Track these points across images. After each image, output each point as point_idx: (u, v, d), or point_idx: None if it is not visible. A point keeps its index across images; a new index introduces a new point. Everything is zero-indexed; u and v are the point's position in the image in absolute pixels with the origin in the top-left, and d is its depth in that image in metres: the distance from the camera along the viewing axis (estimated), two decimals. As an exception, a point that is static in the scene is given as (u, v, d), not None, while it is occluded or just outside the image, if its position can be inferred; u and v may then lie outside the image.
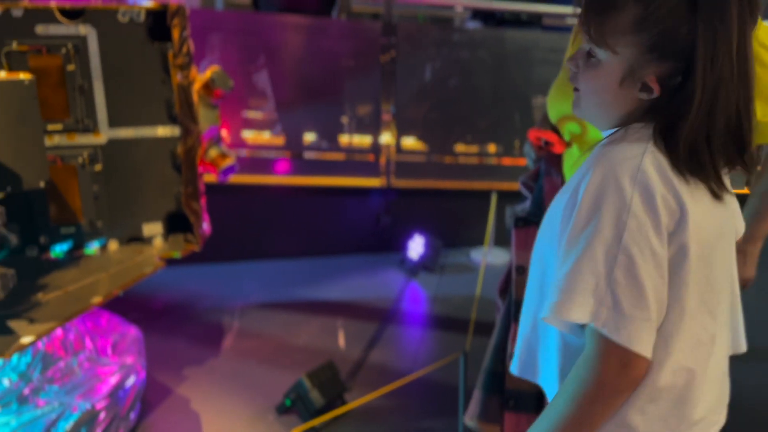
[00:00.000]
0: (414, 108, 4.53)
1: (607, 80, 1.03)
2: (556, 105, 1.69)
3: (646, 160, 0.98)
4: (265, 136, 4.45)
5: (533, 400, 1.79)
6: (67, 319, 1.82)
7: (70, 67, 2.15)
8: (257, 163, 4.38)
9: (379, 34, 4.23)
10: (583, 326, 1.00)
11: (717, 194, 1.01)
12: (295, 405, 2.57)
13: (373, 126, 4.46)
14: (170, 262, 2.62)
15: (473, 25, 5.16)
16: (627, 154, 0.99)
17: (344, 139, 4.55)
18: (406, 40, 4.30)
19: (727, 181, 1.06)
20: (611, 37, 1.00)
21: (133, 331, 2.78)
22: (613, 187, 0.97)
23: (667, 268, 0.99)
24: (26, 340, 1.69)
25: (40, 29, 2.10)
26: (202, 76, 2.42)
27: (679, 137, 0.98)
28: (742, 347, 1.16)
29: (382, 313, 3.53)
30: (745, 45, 0.97)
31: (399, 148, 4.46)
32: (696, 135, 0.98)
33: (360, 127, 4.54)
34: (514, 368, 1.19)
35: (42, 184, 1.83)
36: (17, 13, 2.06)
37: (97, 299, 1.93)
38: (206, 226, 2.51)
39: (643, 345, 0.96)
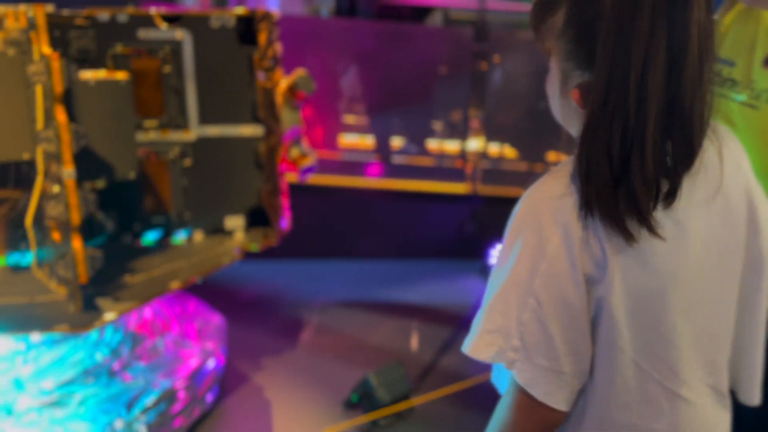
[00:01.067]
0: (504, 114, 4.48)
1: (552, 89, 0.96)
2: None
3: (571, 200, 0.87)
4: (356, 140, 4.56)
5: None
6: (146, 300, 1.97)
7: (167, 69, 2.32)
8: (347, 165, 4.49)
9: (470, 40, 4.23)
10: None
11: (626, 237, 0.85)
12: (361, 401, 2.62)
13: (461, 132, 4.46)
14: (259, 256, 2.76)
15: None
16: (553, 191, 0.89)
17: (432, 144, 4.57)
18: (498, 46, 4.27)
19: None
20: (546, 38, 0.92)
21: (217, 319, 2.94)
22: (533, 227, 0.89)
23: (586, 319, 0.90)
24: (109, 316, 1.84)
25: (142, 34, 2.28)
26: (287, 78, 2.54)
27: (577, 164, 0.87)
28: (754, 399, 1.02)
29: (458, 319, 3.52)
30: (656, 49, 0.80)
31: (486, 155, 4.43)
32: (591, 173, 0.85)
33: (448, 133, 4.55)
34: (492, 379, 1.13)
35: (132, 176, 1.99)
36: (123, 18, 2.25)
37: (175, 284, 2.07)
38: (285, 222, 2.62)
39: (551, 396, 0.90)
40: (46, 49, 1.65)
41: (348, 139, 4.52)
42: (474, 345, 0.93)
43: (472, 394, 2.51)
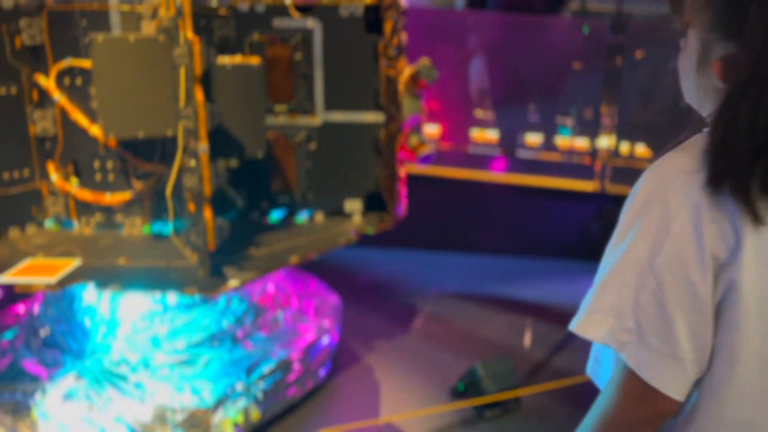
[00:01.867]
0: (639, 111, 4.26)
1: (687, 66, 0.90)
2: None
3: (703, 177, 0.82)
4: (482, 134, 4.53)
5: None
6: (266, 272, 2.10)
7: (298, 56, 2.44)
8: (473, 158, 4.48)
9: (606, 32, 4.05)
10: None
11: (753, 216, 0.81)
12: (467, 391, 2.63)
13: (592, 128, 4.29)
14: (378, 244, 2.84)
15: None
16: (684, 166, 0.84)
17: (561, 140, 4.44)
18: (635, 38, 4.07)
19: None
20: (687, 12, 0.86)
21: (334, 299, 3.06)
22: (658, 203, 0.84)
23: (710, 305, 0.84)
24: (233, 283, 1.99)
25: (277, 22, 2.42)
26: (411, 67, 2.58)
27: (713, 140, 0.82)
28: None
29: (576, 319, 3.41)
30: None
31: (617, 153, 4.23)
32: (730, 146, 0.81)
33: (579, 129, 4.40)
34: (589, 371, 1.09)
35: (260, 155, 2.12)
36: (260, 9, 2.40)
37: (294, 259, 2.19)
38: (401, 209, 2.68)
39: (665, 383, 0.85)
40: (190, 35, 1.81)
41: (475, 133, 4.50)
42: (583, 323, 0.90)
43: (582, 392, 2.43)
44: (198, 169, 1.85)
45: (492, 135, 4.50)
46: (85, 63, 2.31)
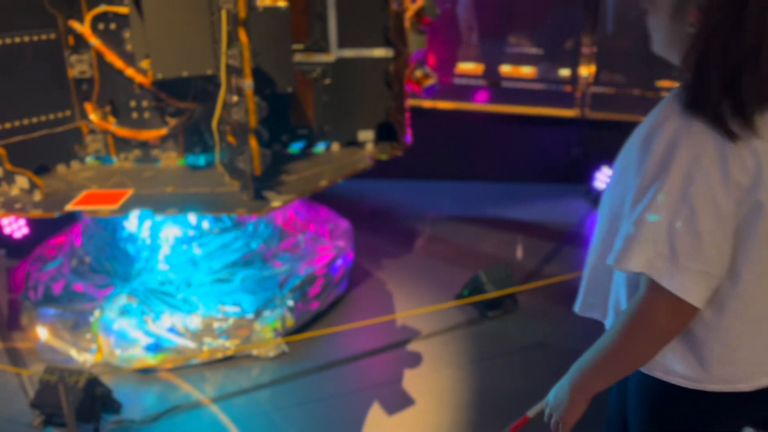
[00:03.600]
0: (616, 40, 4.52)
1: (659, 19, 1.06)
2: None
3: (721, 112, 0.96)
4: (467, 66, 4.76)
5: None
6: (303, 194, 2.38)
7: (312, -2, 2.65)
8: (459, 90, 4.73)
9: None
10: None
11: (727, 134, 0.95)
12: (471, 296, 2.98)
13: (572, 57, 4.55)
14: (375, 175, 3.10)
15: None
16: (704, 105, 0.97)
17: (542, 70, 4.70)
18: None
19: None
20: None
21: (344, 224, 3.37)
22: (686, 141, 0.96)
23: (733, 224, 0.99)
24: (276, 203, 2.27)
25: (291, -34, 2.61)
26: (414, 5, 2.80)
27: (688, 72, 0.97)
28: None
29: (561, 236, 3.76)
30: None
31: (598, 80, 4.52)
32: (703, 76, 0.95)
33: (559, 59, 4.66)
34: (577, 308, 1.27)
35: (290, 89, 2.37)
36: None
37: (324, 182, 2.47)
38: (408, 137, 2.95)
39: (694, 295, 0.99)
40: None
41: (461, 66, 4.73)
42: (622, 257, 1.01)
43: (566, 294, 2.80)
44: (244, 103, 2.09)
45: (476, 67, 4.73)
46: (120, 8, 2.50)
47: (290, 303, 2.77)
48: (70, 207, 2.26)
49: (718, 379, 1.10)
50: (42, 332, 2.66)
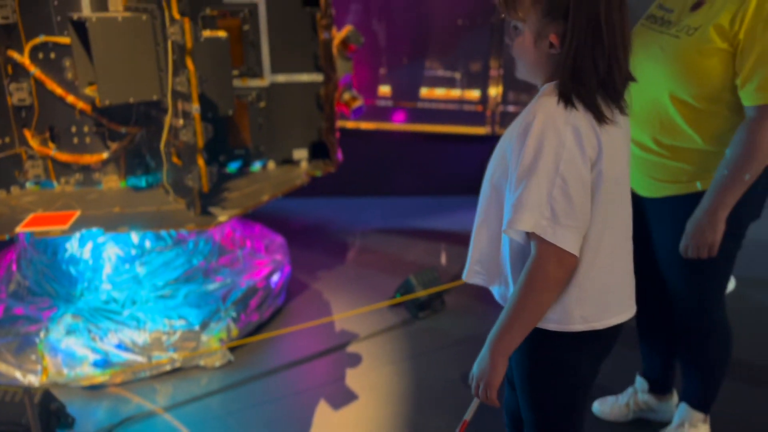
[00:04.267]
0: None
1: (527, 43, 1.32)
2: None
3: (573, 108, 1.26)
4: (387, 88, 5.07)
5: None
6: (247, 209, 2.56)
7: (246, 27, 2.85)
8: (380, 111, 5.02)
9: (491, -5, 4.68)
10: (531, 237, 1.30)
11: (609, 119, 1.28)
12: (403, 298, 3.23)
13: (482, 80, 4.95)
14: (306, 193, 3.29)
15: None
16: (560, 104, 1.27)
17: (456, 92, 5.08)
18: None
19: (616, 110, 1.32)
20: (520, 10, 1.30)
21: (279, 239, 3.54)
22: (552, 130, 1.25)
23: (590, 189, 1.29)
24: (222, 218, 2.43)
25: (226, -1, 2.81)
26: (340, 33, 3.06)
27: (567, 76, 1.26)
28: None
29: (481, 241, 4.08)
30: (611, 12, 1.24)
31: (505, 100, 4.93)
32: (575, 74, 1.25)
33: (471, 81, 5.05)
34: (464, 276, 1.53)
35: (230, 113, 2.55)
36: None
37: (266, 197, 2.65)
38: (339, 154, 3.18)
39: (572, 245, 1.27)
40: (176, 14, 2.19)
41: (382, 89, 5.03)
42: (513, 221, 1.27)
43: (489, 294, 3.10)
44: (192, 126, 2.26)
45: (396, 90, 5.05)
46: (60, 39, 2.60)
47: (234, 314, 2.92)
48: (20, 229, 2.33)
49: (578, 320, 1.38)
50: (-15, 357, 2.67)
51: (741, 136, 1.75)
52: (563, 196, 1.26)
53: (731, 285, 3.48)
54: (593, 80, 1.27)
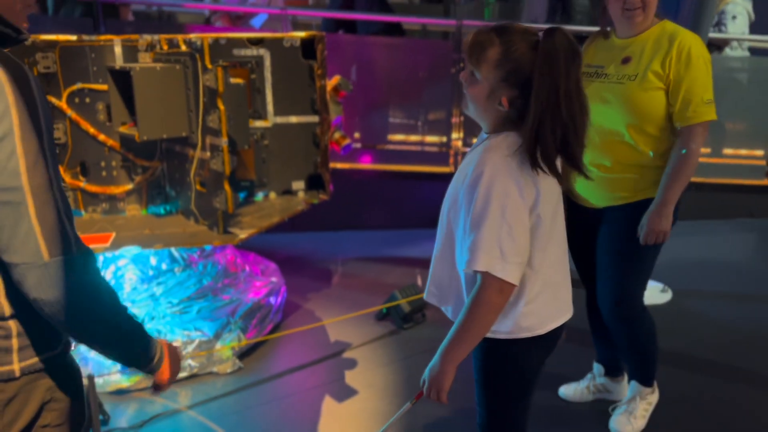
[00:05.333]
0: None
1: (480, 94, 1.52)
2: None
3: (515, 162, 1.47)
4: (361, 132, 5.58)
5: None
6: (261, 228, 2.96)
7: (253, 76, 3.31)
8: (355, 153, 5.51)
9: (451, 50, 5.30)
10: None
11: (559, 180, 1.54)
12: (389, 313, 3.65)
13: (445, 125, 5.53)
14: (287, 228, 3.69)
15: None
16: (505, 158, 1.49)
17: (421, 136, 5.64)
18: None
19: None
20: (483, 67, 1.49)
21: (273, 265, 3.93)
22: (498, 183, 1.47)
23: (530, 230, 1.54)
24: (242, 235, 2.84)
25: (236, 52, 3.27)
26: (331, 81, 3.55)
27: (530, 146, 1.46)
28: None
29: (451, 265, 4.55)
30: (569, 83, 1.43)
31: (465, 142, 5.51)
32: (540, 143, 1.45)
33: (435, 126, 5.62)
34: (427, 296, 1.80)
35: (246, 147, 2.98)
36: (223, 41, 3.24)
37: (275, 219, 3.06)
38: (331, 185, 3.63)
39: (514, 278, 1.51)
40: (209, 64, 2.64)
41: (356, 134, 5.55)
42: (471, 262, 1.50)
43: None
44: (221, 156, 2.68)
45: (364, 133, 5.57)
46: (95, 85, 3.01)
47: (242, 326, 3.28)
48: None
49: (527, 329, 1.66)
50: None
51: (678, 149, 2.29)
52: (509, 239, 1.49)
53: (668, 296, 4.05)
54: (552, 146, 1.47)
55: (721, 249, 4.84)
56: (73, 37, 2.96)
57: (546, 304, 1.66)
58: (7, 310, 1.18)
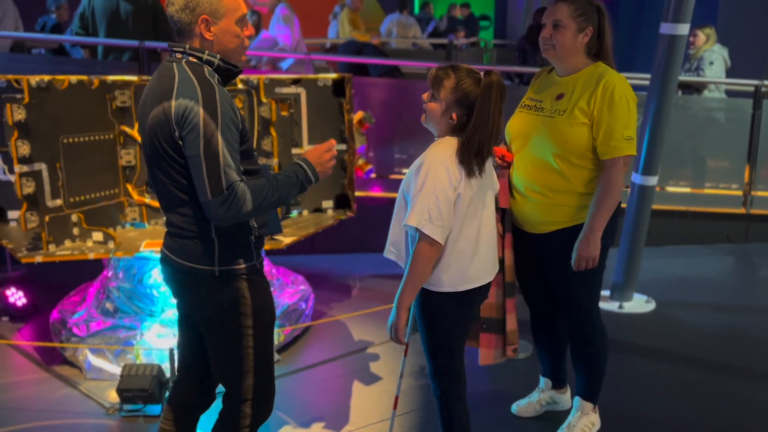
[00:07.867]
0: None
1: (437, 110, 2.15)
2: (509, 130, 2.71)
3: (448, 156, 2.11)
4: (370, 163, 6.15)
5: (498, 324, 2.72)
6: (302, 236, 3.49)
7: (291, 110, 3.89)
8: (367, 182, 6.07)
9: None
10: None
11: (479, 173, 2.13)
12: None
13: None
14: (306, 250, 4.16)
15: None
16: (444, 153, 2.12)
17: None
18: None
19: (488, 164, 2.21)
20: (441, 91, 2.13)
21: (300, 276, 4.44)
22: (434, 168, 2.10)
23: (454, 203, 2.12)
24: (287, 240, 3.37)
25: (278, 90, 3.86)
26: (356, 115, 4.13)
27: (466, 147, 2.11)
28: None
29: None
30: (496, 109, 2.09)
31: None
32: (471, 146, 2.09)
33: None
34: (387, 254, 2.36)
35: (289, 168, 3.53)
36: (267, 81, 3.83)
37: (311, 230, 3.60)
38: (355, 205, 4.18)
39: (439, 237, 2.10)
40: (264, 98, 3.21)
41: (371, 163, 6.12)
42: (409, 219, 2.10)
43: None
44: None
45: (378, 165, 6.13)
46: (163, 117, 3.57)
47: (279, 325, 3.78)
48: (143, 249, 3.21)
49: (448, 284, 2.22)
50: (92, 358, 3.44)
51: (602, 180, 2.51)
52: (436, 208, 2.09)
53: (651, 306, 4.57)
54: (477, 148, 2.13)
55: (701, 268, 5.37)
56: (145, 77, 3.54)
57: (463, 267, 2.21)
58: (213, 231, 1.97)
